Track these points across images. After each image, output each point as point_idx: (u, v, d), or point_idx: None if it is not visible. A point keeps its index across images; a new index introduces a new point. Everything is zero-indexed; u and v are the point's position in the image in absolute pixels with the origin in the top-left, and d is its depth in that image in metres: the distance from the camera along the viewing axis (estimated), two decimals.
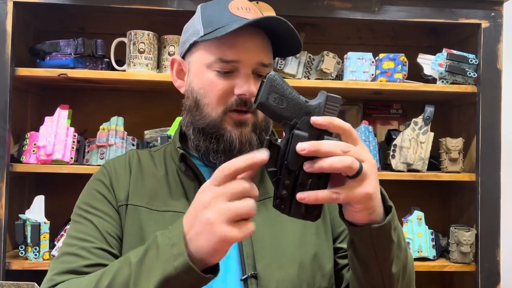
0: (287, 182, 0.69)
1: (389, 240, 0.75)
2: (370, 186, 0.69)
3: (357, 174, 0.67)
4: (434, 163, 1.81)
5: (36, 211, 1.61)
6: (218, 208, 0.66)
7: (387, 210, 0.75)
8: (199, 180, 0.94)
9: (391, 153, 1.73)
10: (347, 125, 0.69)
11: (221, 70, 0.90)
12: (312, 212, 0.71)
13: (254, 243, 0.90)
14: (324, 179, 0.70)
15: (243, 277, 0.88)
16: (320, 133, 0.69)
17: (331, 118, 0.68)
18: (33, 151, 1.62)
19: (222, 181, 0.67)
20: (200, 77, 0.93)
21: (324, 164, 0.66)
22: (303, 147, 0.66)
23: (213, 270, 0.71)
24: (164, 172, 0.98)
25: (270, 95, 0.70)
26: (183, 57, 0.99)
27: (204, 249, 0.68)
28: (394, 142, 1.73)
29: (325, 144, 0.67)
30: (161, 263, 0.70)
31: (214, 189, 0.68)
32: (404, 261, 0.81)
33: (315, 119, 0.68)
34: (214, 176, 0.68)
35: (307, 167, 0.67)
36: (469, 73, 1.71)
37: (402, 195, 1.90)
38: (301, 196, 0.67)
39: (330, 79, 1.74)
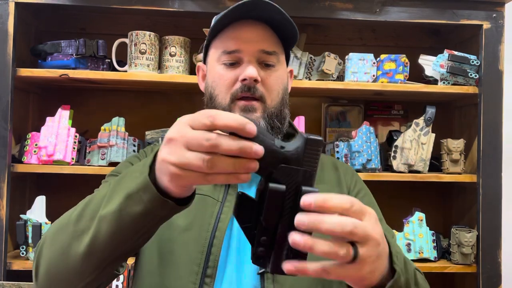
0: (263, 238, 0.62)
1: None
2: (365, 270, 0.61)
3: (353, 261, 0.60)
4: (435, 164, 1.81)
5: (37, 211, 1.61)
6: (175, 151, 0.62)
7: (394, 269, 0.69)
8: None
9: (392, 154, 1.72)
10: (345, 202, 0.59)
11: (226, 62, 0.97)
12: None
13: None
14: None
15: (260, 271, 0.90)
16: (298, 183, 0.61)
17: (323, 199, 0.58)
18: (34, 151, 1.63)
19: (197, 127, 0.61)
20: (212, 71, 1.00)
21: (316, 249, 0.58)
22: (302, 221, 0.58)
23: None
24: None
25: None
26: (204, 62, 1.08)
27: (162, 181, 0.67)
28: (395, 143, 1.73)
29: (326, 223, 0.58)
30: (129, 181, 0.71)
31: (183, 130, 0.62)
32: None
33: (304, 201, 0.58)
34: (195, 117, 0.61)
35: (294, 242, 0.58)
36: (471, 74, 1.71)
37: (403, 196, 1.91)
38: (289, 268, 0.59)
39: (331, 80, 1.74)
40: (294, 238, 0.57)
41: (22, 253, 1.60)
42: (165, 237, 0.93)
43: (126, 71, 1.67)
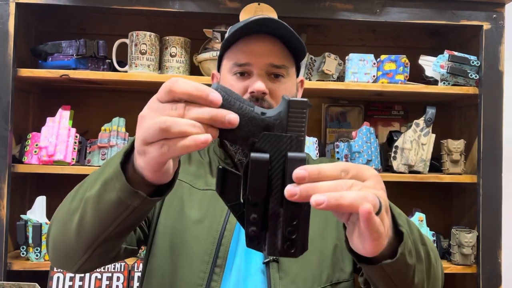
0: (253, 216, 0.56)
1: (406, 268, 0.69)
2: (387, 225, 0.59)
3: (377, 214, 0.56)
4: (436, 165, 1.81)
5: (38, 211, 1.61)
6: (142, 126, 0.61)
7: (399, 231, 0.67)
8: (237, 168, 1.06)
9: (393, 154, 1.72)
10: (341, 170, 0.56)
11: (237, 73, 1.01)
12: (292, 247, 0.56)
13: None
14: (301, 206, 0.55)
15: (265, 261, 0.94)
16: (284, 150, 0.56)
17: (318, 170, 0.54)
18: (35, 151, 1.63)
19: (162, 99, 0.58)
20: (224, 81, 1.05)
21: (344, 201, 0.53)
22: (293, 192, 0.53)
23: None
24: (208, 161, 1.10)
25: None
26: (218, 70, 1.12)
27: (138, 166, 0.65)
28: (395, 144, 1.73)
29: (322, 189, 0.53)
30: (109, 166, 0.72)
31: (152, 105, 0.60)
32: (427, 267, 0.77)
33: (297, 174, 0.53)
34: (160, 89, 0.59)
35: (317, 203, 0.52)
36: (471, 75, 1.71)
37: (403, 196, 1.91)
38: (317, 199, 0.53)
39: (332, 81, 1.74)
40: (317, 199, 0.52)
41: (23, 253, 1.60)
42: (178, 229, 0.97)
43: (126, 72, 1.67)
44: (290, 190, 0.53)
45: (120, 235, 0.78)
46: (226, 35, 1.07)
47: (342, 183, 0.55)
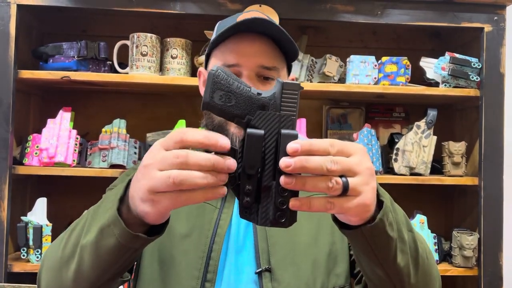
0: (248, 187, 0.62)
1: (386, 237, 0.70)
2: (365, 198, 0.63)
3: (344, 192, 0.62)
4: (437, 167, 1.81)
5: (38, 213, 1.61)
6: (147, 175, 0.62)
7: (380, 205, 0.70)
8: None
9: (394, 156, 1.72)
10: (327, 143, 0.62)
11: None
12: (283, 217, 0.62)
13: (268, 238, 0.94)
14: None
15: (257, 270, 0.92)
16: (278, 127, 0.62)
17: (309, 143, 0.60)
18: (36, 153, 1.63)
19: (170, 147, 0.62)
20: None
21: (307, 186, 0.60)
22: (288, 162, 0.59)
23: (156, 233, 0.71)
24: None
25: (215, 93, 0.62)
26: (206, 68, 1.08)
27: (138, 209, 0.66)
28: (396, 146, 1.73)
29: (312, 161, 0.59)
30: (102, 211, 0.72)
31: (156, 153, 0.63)
32: (413, 254, 0.77)
33: (291, 147, 0.59)
34: (167, 138, 0.63)
35: (285, 182, 0.60)
36: (472, 77, 1.71)
37: (404, 199, 1.89)
38: (294, 203, 0.60)
39: (333, 82, 1.74)
40: (285, 179, 0.59)
41: (23, 255, 1.59)
42: (165, 244, 0.95)
43: (127, 73, 1.67)
44: (285, 162, 0.59)
45: (121, 273, 0.79)
46: (215, 30, 1.03)
47: (325, 158, 0.60)
